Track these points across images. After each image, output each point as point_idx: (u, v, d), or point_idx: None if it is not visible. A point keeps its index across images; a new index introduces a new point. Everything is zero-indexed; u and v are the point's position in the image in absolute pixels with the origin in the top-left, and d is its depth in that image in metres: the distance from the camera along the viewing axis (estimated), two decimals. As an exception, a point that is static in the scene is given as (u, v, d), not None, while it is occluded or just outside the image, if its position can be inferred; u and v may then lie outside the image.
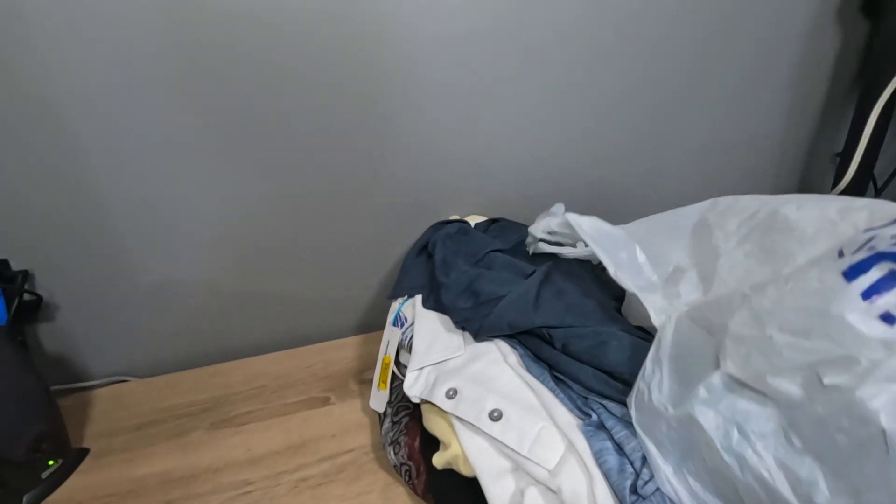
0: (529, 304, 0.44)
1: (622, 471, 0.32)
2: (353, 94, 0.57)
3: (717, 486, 0.29)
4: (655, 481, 0.31)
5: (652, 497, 0.30)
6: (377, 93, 0.58)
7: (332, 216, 0.64)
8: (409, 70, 0.57)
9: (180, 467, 0.50)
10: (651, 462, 0.32)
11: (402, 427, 0.46)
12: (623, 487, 0.31)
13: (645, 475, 0.31)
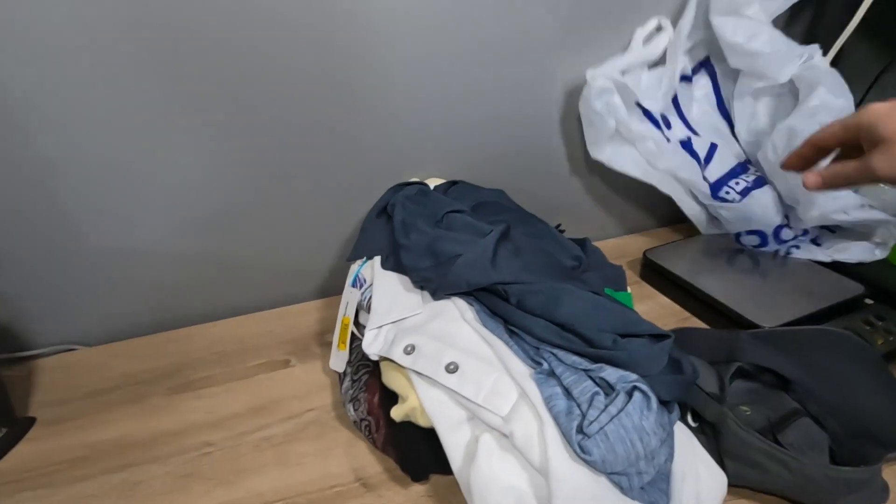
0: (487, 262, 0.45)
1: (570, 413, 0.34)
2: (314, 59, 0.55)
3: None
4: (599, 422, 0.33)
5: (596, 436, 0.32)
6: (339, 59, 0.56)
7: (292, 180, 0.62)
8: (371, 39, 0.56)
9: (137, 432, 0.49)
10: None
11: (361, 384, 0.47)
12: (570, 428, 0.33)
13: (591, 416, 0.33)
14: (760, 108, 0.67)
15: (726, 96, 0.71)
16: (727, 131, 0.72)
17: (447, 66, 0.61)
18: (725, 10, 0.61)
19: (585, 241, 0.59)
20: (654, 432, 0.33)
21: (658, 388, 0.35)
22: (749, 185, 0.68)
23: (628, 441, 0.32)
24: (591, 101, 0.63)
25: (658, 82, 0.66)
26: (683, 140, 0.70)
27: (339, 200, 0.66)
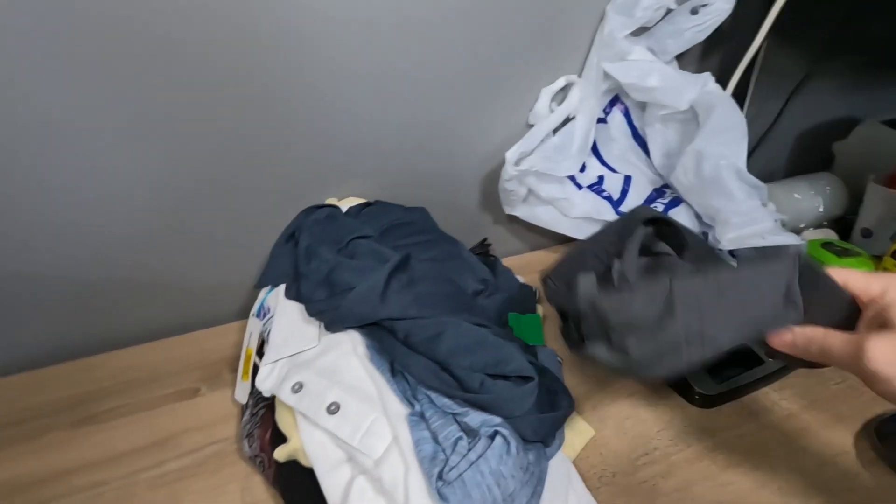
0: (376, 296, 0.44)
1: (434, 458, 0.34)
2: (229, 72, 0.53)
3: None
4: (458, 468, 0.33)
5: (454, 482, 0.33)
6: (255, 74, 0.54)
7: (209, 197, 0.61)
8: (295, 46, 0.54)
9: (34, 471, 0.48)
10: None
11: (257, 419, 0.47)
12: (432, 474, 0.34)
13: (452, 462, 0.34)
14: (670, 134, 0.69)
15: (639, 126, 0.73)
16: (643, 160, 0.74)
17: (384, 88, 0.60)
18: (613, 58, 0.65)
19: (496, 263, 0.60)
20: (512, 476, 0.33)
21: (524, 428, 0.36)
22: (667, 206, 0.69)
23: (485, 486, 0.33)
24: (504, 183, 0.67)
25: (567, 141, 0.69)
26: (593, 183, 0.74)
27: (260, 220, 0.64)
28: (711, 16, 0.62)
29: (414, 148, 0.67)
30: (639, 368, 0.32)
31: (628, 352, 0.32)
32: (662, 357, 0.31)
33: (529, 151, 0.68)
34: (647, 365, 0.32)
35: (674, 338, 0.31)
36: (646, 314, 0.31)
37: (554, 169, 0.68)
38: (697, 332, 0.31)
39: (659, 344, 0.31)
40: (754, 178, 0.62)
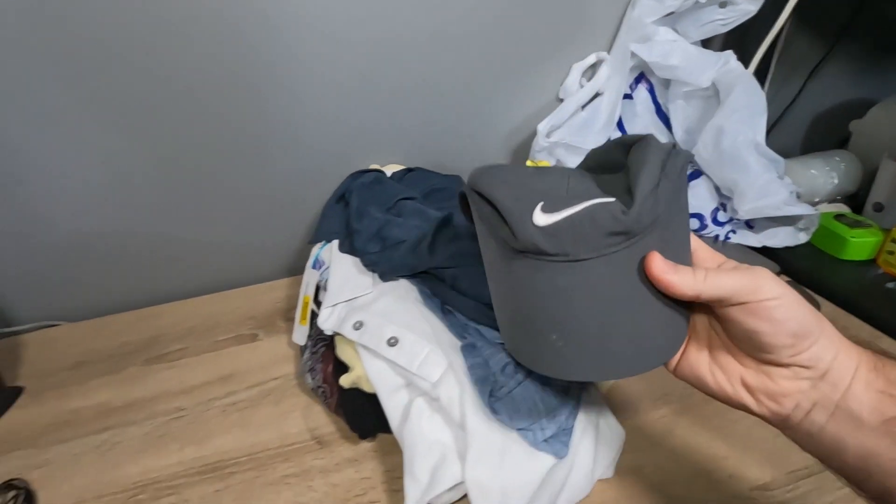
0: (426, 248, 0.49)
1: (485, 380, 0.40)
2: (280, 50, 0.58)
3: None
4: (508, 387, 0.38)
5: (504, 398, 0.38)
6: (293, 51, 0.59)
7: (258, 166, 0.66)
8: (320, 30, 0.59)
9: (116, 399, 0.54)
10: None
11: (318, 356, 0.52)
12: (485, 392, 0.39)
13: (502, 382, 0.39)
14: (691, 110, 0.73)
15: (662, 102, 0.76)
16: (666, 135, 0.78)
17: (424, 62, 0.66)
18: (639, 39, 0.69)
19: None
20: (554, 394, 0.39)
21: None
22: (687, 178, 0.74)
23: (531, 401, 0.38)
24: (534, 154, 0.72)
25: (594, 116, 0.73)
26: None
27: (304, 185, 0.70)
28: (736, 14, 0.66)
29: (448, 119, 0.72)
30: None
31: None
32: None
33: (559, 125, 0.72)
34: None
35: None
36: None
37: (581, 142, 0.73)
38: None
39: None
40: (772, 152, 0.66)
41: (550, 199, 0.30)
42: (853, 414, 0.27)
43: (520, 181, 0.33)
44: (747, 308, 0.27)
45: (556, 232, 0.29)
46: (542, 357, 0.30)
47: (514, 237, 0.30)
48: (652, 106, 0.79)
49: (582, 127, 0.73)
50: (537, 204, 0.30)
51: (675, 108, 0.76)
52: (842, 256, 0.68)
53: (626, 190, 0.30)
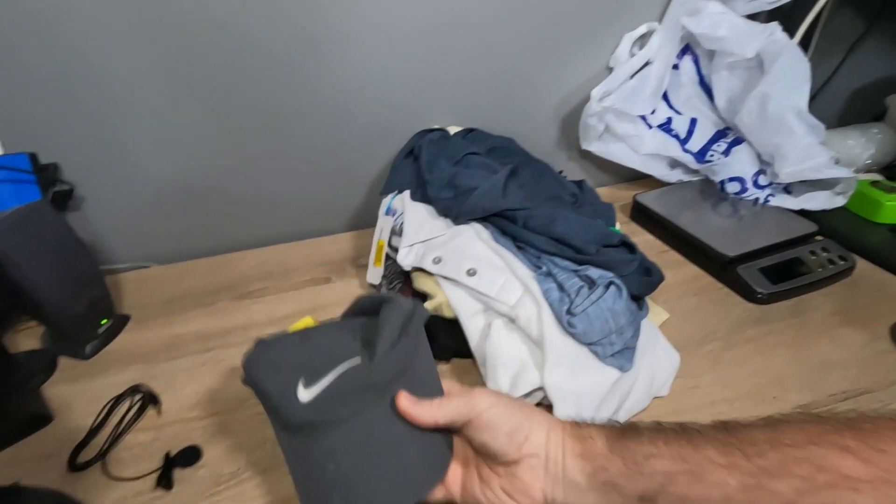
0: (498, 193, 0.55)
1: (561, 301, 0.45)
2: (342, 19, 0.63)
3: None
4: (583, 306, 0.44)
5: (580, 314, 0.43)
6: (361, 17, 0.64)
7: (325, 130, 0.72)
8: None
9: (212, 327, 0.61)
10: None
11: (396, 290, 0.58)
12: (561, 311, 0.44)
13: (576, 302, 0.44)
14: (734, 80, 0.76)
15: (706, 73, 0.80)
16: (708, 105, 0.82)
17: (481, 33, 0.71)
18: (689, 12, 0.73)
19: (582, 182, 0.69)
20: (623, 314, 0.44)
21: (630, 285, 0.46)
22: (729, 145, 0.78)
23: (603, 318, 0.43)
24: (587, 118, 0.76)
25: (643, 84, 0.77)
26: (662, 123, 0.82)
27: (366, 146, 0.75)
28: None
29: (505, 84, 0.76)
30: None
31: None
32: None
33: (611, 91, 0.76)
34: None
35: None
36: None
37: (630, 108, 0.77)
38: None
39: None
40: (813, 119, 0.70)
41: (310, 372, 0.34)
42: (574, 482, 0.30)
43: (283, 357, 0.36)
44: (472, 425, 0.32)
45: (319, 402, 0.33)
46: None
47: (286, 418, 0.33)
48: (696, 77, 0.83)
49: (631, 94, 0.77)
50: (299, 381, 0.33)
51: (719, 79, 0.79)
52: (876, 220, 0.71)
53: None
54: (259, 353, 0.37)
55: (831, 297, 0.61)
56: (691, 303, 0.61)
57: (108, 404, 0.50)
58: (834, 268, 0.62)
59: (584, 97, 0.79)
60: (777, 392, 0.49)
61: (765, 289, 0.59)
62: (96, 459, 0.45)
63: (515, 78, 0.77)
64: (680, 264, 0.68)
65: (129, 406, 0.50)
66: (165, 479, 0.43)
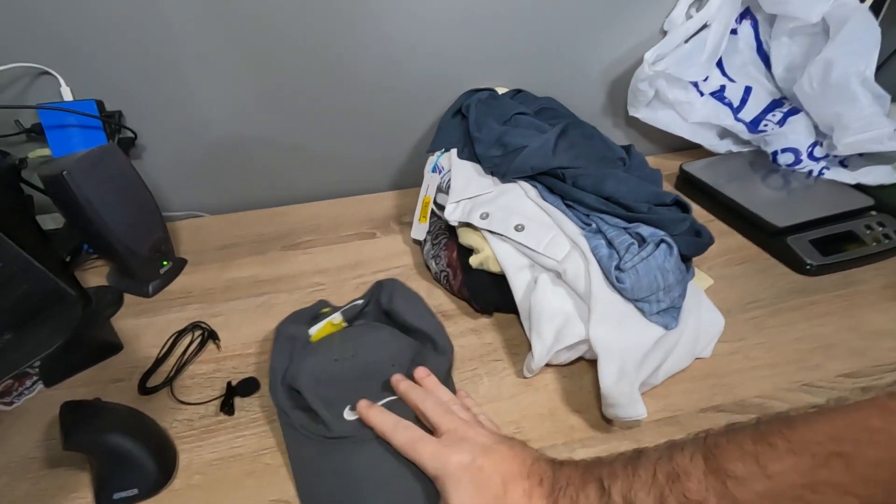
0: (549, 150, 0.55)
1: (610, 257, 0.46)
2: None
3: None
4: (632, 262, 0.44)
5: (629, 270, 0.44)
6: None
7: (373, 87, 0.72)
8: None
9: (264, 273, 0.64)
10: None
11: (441, 246, 0.59)
12: (609, 266, 0.45)
13: (626, 259, 0.45)
14: (795, 47, 0.74)
15: (765, 39, 0.77)
16: (763, 73, 0.79)
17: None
18: None
19: (630, 147, 0.68)
20: (672, 272, 0.44)
21: (680, 244, 0.46)
22: (785, 114, 0.75)
23: (652, 275, 0.44)
24: (637, 83, 0.74)
25: (698, 48, 0.74)
26: (715, 90, 0.79)
27: (413, 105, 0.76)
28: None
29: (554, 46, 0.75)
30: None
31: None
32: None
33: (664, 55, 0.74)
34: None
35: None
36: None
37: (683, 73, 0.75)
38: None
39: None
40: (879, 88, 0.67)
41: (354, 396, 0.42)
42: None
43: (326, 372, 0.44)
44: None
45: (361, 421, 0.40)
46: None
47: (328, 428, 0.40)
48: (754, 43, 0.80)
49: (685, 59, 0.75)
50: (344, 404, 0.42)
51: (778, 45, 0.76)
52: (937, 197, 0.69)
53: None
54: (301, 364, 0.44)
55: (884, 271, 0.60)
56: (736, 271, 0.61)
57: (172, 337, 0.54)
58: (889, 242, 0.60)
59: (634, 61, 0.77)
60: (821, 360, 0.49)
61: (815, 260, 0.58)
62: (163, 385, 0.49)
63: (565, 39, 0.75)
64: (726, 234, 0.67)
65: (190, 340, 0.54)
66: (228, 406, 0.47)
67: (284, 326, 0.50)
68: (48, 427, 0.45)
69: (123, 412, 0.43)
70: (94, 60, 0.62)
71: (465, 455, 0.35)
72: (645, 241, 0.46)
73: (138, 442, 0.40)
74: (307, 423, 0.42)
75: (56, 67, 0.60)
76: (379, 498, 0.37)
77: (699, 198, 0.74)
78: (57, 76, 0.61)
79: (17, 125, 0.62)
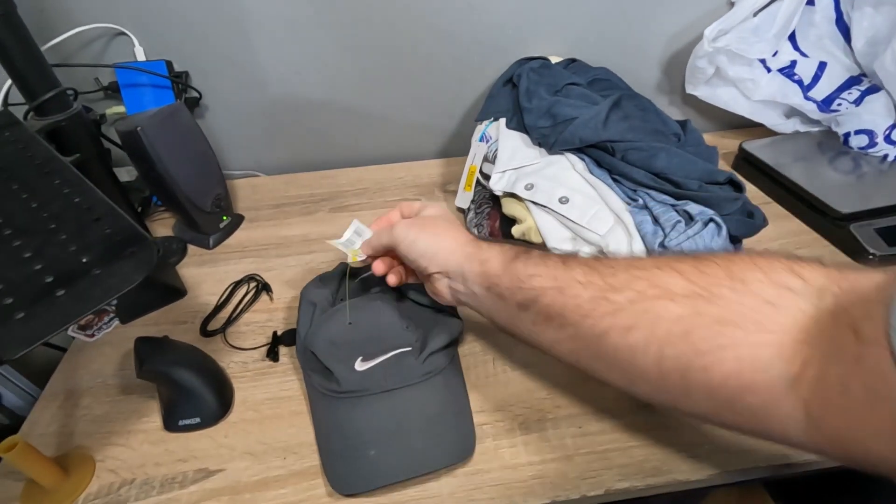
0: (599, 124, 0.54)
1: (655, 234, 0.45)
2: None
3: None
4: (678, 240, 0.44)
5: (673, 249, 0.43)
6: None
7: (426, 53, 0.73)
8: None
9: (313, 233, 0.67)
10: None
11: (484, 215, 0.60)
12: (653, 243, 0.45)
13: (671, 236, 0.44)
14: (880, 19, 0.68)
15: (846, 10, 0.71)
16: (842, 47, 0.73)
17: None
18: None
19: (686, 122, 0.66)
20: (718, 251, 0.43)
21: (730, 224, 0.45)
22: (863, 93, 0.70)
23: (698, 254, 0.43)
24: (696, 59, 0.71)
25: (768, 22, 0.70)
26: (784, 67, 0.74)
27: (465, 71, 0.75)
28: None
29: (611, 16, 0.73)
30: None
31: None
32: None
33: (727, 30, 0.70)
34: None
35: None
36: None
37: (747, 50, 0.70)
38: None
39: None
40: (976, 66, 0.61)
41: (367, 350, 0.44)
42: (472, 291, 0.39)
43: (341, 337, 0.45)
44: (398, 250, 0.43)
45: (374, 372, 0.43)
46: (359, 475, 0.39)
47: (342, 383, 0.42)
48: (833, 14, 0.74)
49: (752, 34, 0.71)
50: (357, 357, 0.44)
51: (860, 17, 0.70)
52: None
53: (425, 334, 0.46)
54: (318, 330, 0.46)
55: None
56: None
57: (230, 287, 0.58)
58: (967, 235, 0.56)
59: (697, 34, 0.73)
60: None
61: (879, 250, 0.55)
62: (221, 329, 0.53)
63: (623, 9, 0.72)
64: (783, 217, 0.64)
65: (246, 290, 0.58)
66: (273, 353, 0.50)
67: (307, 291, 0.52)
68: (123, 357, 0.51)
69: (189, 350, 0.47)
70: (165, 21, 0.65)
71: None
72: (693, 220, 0.45)
73: (201, 377, 0.44)
74: (322, 381, 0.44)
75: (130, 28, 0.64)
76: (374, 445, 0.40)
77: (758, 179, 0.70)
78: (131, 36, 0.64)
79: (97, 83, 0.66)
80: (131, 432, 0.44)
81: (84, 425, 0.45)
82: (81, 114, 0.53)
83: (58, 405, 0.46)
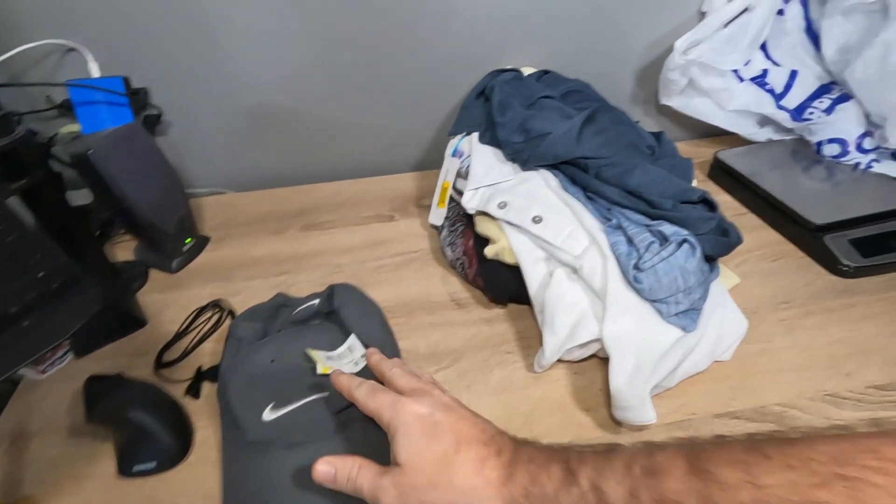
0: (573, 138, 0.53)
1: (629, 255, 0.44)
2: None
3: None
4: (652, 262, 0.42)
5: (648, 270, 0.42)
6: None
7: (402, 62, 0.71)
8: None
9: (284, 252, 0.64)
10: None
11: (458, 233, 0.59)
12: (628, 265, 0.43)
13: (645, 258, 0.43)
14: (850, 27, 0.68)
15: (815, 19, 0.71)
16: (813, 55, 0.73)
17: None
18: None
19: (661, 134, 0.65)
20: (694, 274, 0.42)
21: (705, 244, 0.44)
22: (834, 101, 0.70)
23: (672, 276, 0.42)
24: (668, 72, 0.71)
25: (740, 32, 0.70)
26: (756, 76, 0.74)
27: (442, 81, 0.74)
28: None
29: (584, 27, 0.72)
30: None
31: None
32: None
33: (700, 41, 0.70)
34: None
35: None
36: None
37: (720, 62, 0.70)
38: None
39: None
40: (945, 75, 0.61)
41: (280, 397, 0.41)
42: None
43: (258, 373, 0.43)
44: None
45: (279, 424, 0.40)
46: None
47: (246, 434, 0.39)
48: (803, 23, 0.74)
49: (724, 45, 0.70)
50: (269, 405, 0.41)
51: (830, 25, 0.70)
52: None
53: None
54: (238, 363, 0.44)
55: (931, 274, 0.56)
56: (769, 268, 0.58)
57: (192, 314, 0.55)
58: (941, 246, 0.56)
59: (669, 46, 0.73)
60: (853, 367, 0.47)
61: (852, 261, 0.55)
62: (178, 360, 0.50)
63: (597, 20, 0.72)
64: (758, 228, 0.64)
65: (209, 317, 0.55)
66: (194, 389, 0.47)
67: (235, 327, 0.49)
68: (77, 394, 0.47)
69: (143, 388, 0.44)
70: (122, 36, 0.63)
71: (424, 407, 0.33)
72: (667, 240, 0.44)
73: (157, 417, 0.41)
74: (230, 426, 0.41)
75: (84, 43, 0.61)
76: (281, 501, 0.37)
77: (733, 188, 0.70)
78: (83, 52, 0.61)
79: (49, 101, 0.63)
80: (84, 478, 0.41)
81: (34, 471, 0.42)
82: (27, 137, 0.50)
83: (3, 450, 0.43)
